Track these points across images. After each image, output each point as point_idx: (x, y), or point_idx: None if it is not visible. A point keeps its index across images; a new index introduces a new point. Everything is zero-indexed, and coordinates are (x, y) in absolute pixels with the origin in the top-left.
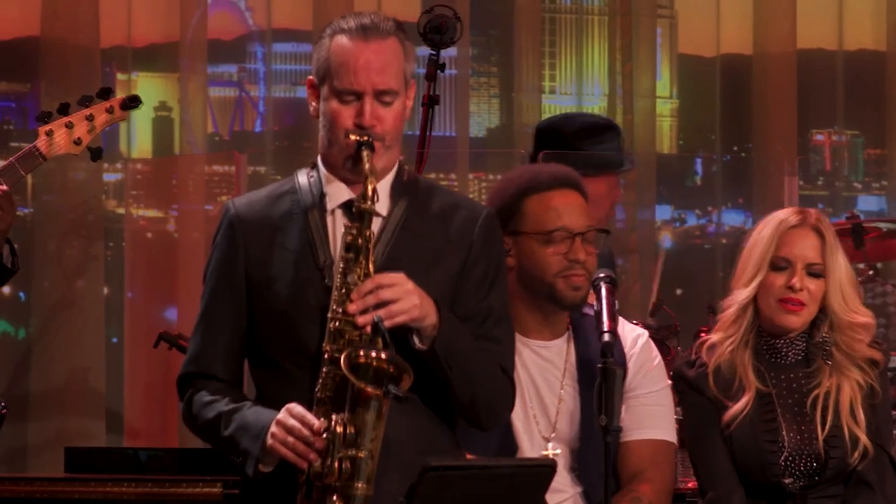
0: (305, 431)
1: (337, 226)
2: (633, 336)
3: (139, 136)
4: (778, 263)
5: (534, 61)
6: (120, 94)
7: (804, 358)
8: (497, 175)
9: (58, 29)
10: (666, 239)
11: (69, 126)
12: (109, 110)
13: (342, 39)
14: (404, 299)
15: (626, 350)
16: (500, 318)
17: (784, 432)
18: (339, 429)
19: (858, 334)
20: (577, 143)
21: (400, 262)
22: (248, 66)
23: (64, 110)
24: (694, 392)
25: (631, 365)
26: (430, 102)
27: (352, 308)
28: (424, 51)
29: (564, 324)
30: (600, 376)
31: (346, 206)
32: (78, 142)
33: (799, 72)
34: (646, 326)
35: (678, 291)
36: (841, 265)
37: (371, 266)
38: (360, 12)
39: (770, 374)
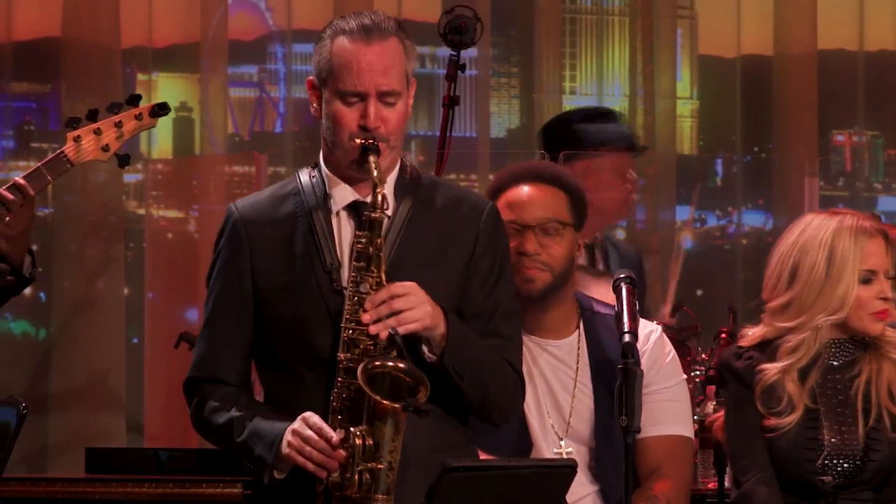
0: (323, 442)
1: (343, 227)
2: (646, 332)
3: (160, 137)
4: (866, 277)
5: (554, 62)
6: (148, 102)
7: (850, 358)
8: None
9: (78, 30)
10: (686, 239)
11: (97, 132)
12: (138, 117)
13: (343, 41)
14: (417, 308)
15: (639, 346)
16: (508, 313)
17: (825, 432)
18: (359, 441)
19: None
20: (580, 129)
21: (407, 261)
22: (269, 67)
23: (92, 116)
24: (739, 383)
25: (644, 361)
26: (451, 103)
27: (366, 318)
28: (445, 51)
29: (573, 323)
30: (621, 377)
31: (352, 208)
32: (106, 148)
33: (819, 72)
34: (666, 327)
35: (698, 292)
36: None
37: (383, 275)
38: (359, 12)
39: (817, 381)
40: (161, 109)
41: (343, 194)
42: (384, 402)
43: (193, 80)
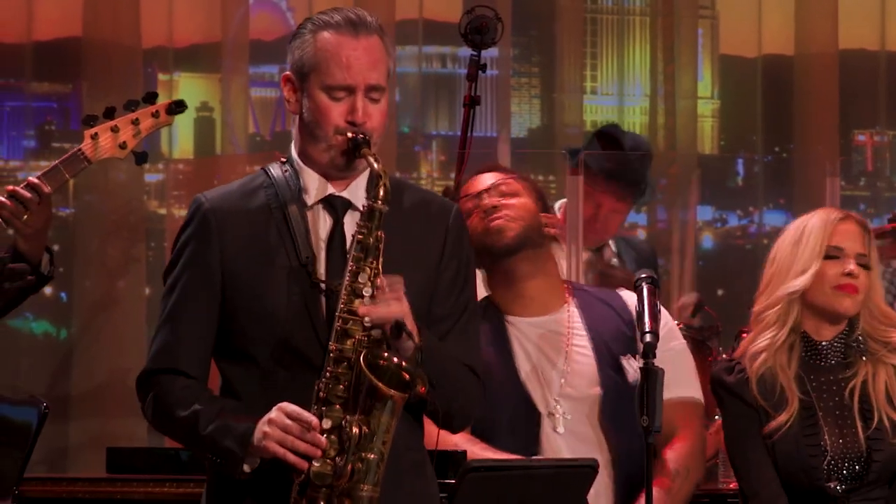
0: (306, 432)
1: (318, 221)
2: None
3: (181, 137)
4: (831, 253)
5: (575, 62)
6: (165, 99)
7: (843, 359)
8: (538, 175)
9: (99, 30)
10: (707, 239)
11: (114, 130)
12: (155, 115)
13: (328, 35)
14: (405, 301)
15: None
16: (473, 313)
17: (826, 437)
18: (356, 430)
19: (891, 326)
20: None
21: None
22: None
23: (110, 114)
24: (733, 397)
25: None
26: (472, 103)
27: (362, 310)
28: (466, 51)
29: (559, 297)
30: (642, 377)
31: (327, 202)
32: (123, 146)
33: (841, 72)
34: (687, 327)
35: (719, 292)
36: (877, 261)
37: (380, 267)
38: (339, 8)
39: (810, 377)
40: (178, 107)
41: (318, 188)
42: (388, 389)
43: (214, 80)
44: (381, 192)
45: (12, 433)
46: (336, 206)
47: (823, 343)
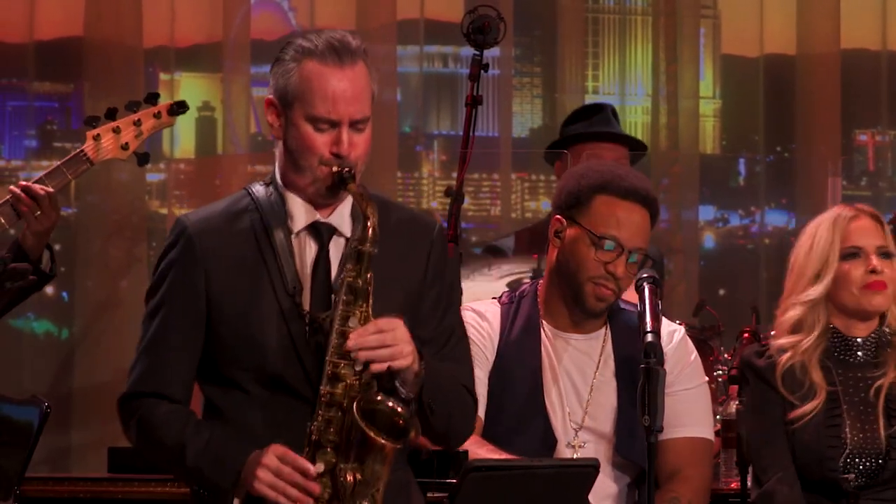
0: (297, 476)
1: (303, 248)
2: (669, 331)
3: (182, 137)
4: (850, 252)
5: (577, 62)
6: (167, 99)
7: (873, 358)
8: (540, 175)
9: (101, 29)
10: (709, 239)
11: (116, 131)
12: (157, 115)
13: (313, 65)
14: (401, 345)
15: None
16: (461, 337)
17: (847, 430)
18: (350, 478)
19: None
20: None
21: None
22: None
23: (111, 115)
24: (761, 381)
25: (667, 361)
26: (474, 103)
27: (358, 353)
28: (468, 51)
29: (601, 321)
30: (643, 377)
31: (312, 228)
32: (125, 147)
33: (842, 72)
34: (689, 327)
35: (721, 292)
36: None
37: (370, 310)
38: (321, 31)
39: (838, 370)
40: (179, 108)
41: (303, 214)
42: (385, 441)
43: (216, 80)
44: (370, 234)
45: (14, 433)
46: (322, 233)
47: (857, 339)
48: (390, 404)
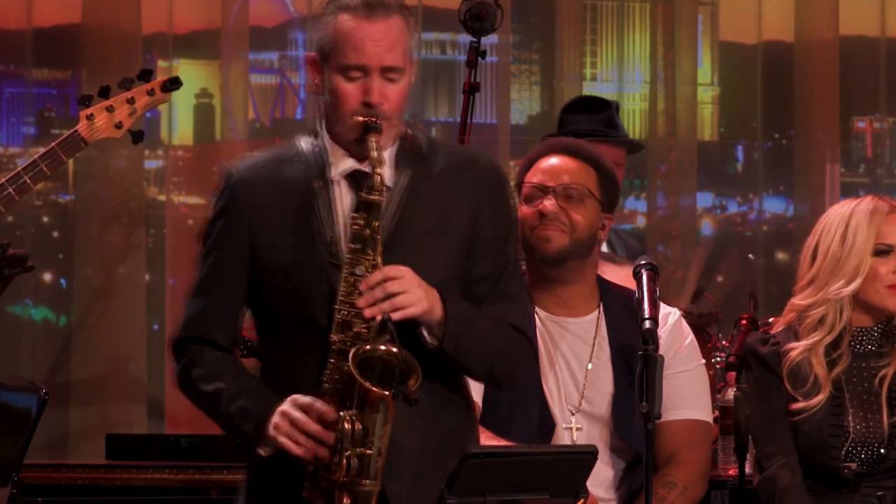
0: (313, 425)
1: (343, 197)
2: (664, 314)
3: (180, 123)
4: (881, 249)
5: (575, 49)
6: (160, 77)
7: (878, 348)
8: None
9: (99, 16)
10: (706, 226)
11: (110, 109)
12: (150, 92)
13: (346, 17)
14: (410, 292)
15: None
16: (515, 273)
17: (850, 419)
18: (348, 426)
19: None
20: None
21: (408, 233)
22: (290, 54)
23: (105, 94)
24: (765, 369)
25: (662, 343)
26: (471, 90)
27: (360, 302)
28: (465, 38)
29: (593, 302)
30: (641, 363)
31: (352, 177)
32: (119, 125)
33: (841, 59)
34: (686, 313)
35: (719, 279)
36: None
37: (379, 258)
38: None
39: (844, 360)
40: (173, 84)
41: (344, 163)
42: (374, 389)
43: (214, 67)
44: (377, 183)
45: (12, 419)
46: (360, 182)
47: (862, 329)
48: (383, 349)
